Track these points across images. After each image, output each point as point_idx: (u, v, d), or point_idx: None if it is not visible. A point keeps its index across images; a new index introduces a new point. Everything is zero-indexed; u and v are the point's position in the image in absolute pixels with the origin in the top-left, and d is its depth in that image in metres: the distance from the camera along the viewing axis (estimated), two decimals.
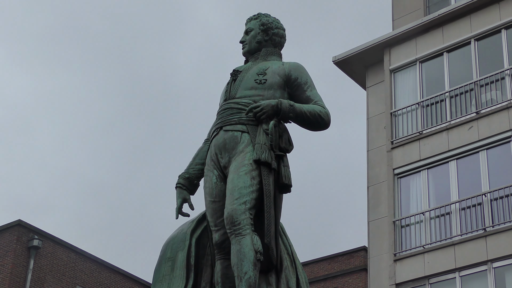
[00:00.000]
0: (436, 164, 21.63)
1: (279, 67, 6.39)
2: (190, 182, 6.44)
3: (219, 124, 6.26)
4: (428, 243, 20.80)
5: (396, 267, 21.00)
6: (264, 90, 6.27)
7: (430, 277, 20.41)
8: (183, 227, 6.45)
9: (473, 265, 19.85)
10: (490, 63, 21.92)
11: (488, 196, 20.33)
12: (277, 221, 5.98)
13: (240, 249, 5.72)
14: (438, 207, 21.07)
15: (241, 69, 6.48)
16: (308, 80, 6.40)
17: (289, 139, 6.16)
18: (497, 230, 19.84)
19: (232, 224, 5.77)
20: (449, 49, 22.87)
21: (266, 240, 5.81)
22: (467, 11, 22.75)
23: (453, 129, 21.66)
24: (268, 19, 6.67)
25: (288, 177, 6.02)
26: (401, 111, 23.05)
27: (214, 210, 6.11)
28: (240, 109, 6.21)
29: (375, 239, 22.18)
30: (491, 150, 20.90)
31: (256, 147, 5.98)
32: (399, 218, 21.61)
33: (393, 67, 23.65)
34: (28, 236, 25.99)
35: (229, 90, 6.38)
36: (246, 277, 5.67)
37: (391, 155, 22.53)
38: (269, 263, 5.96)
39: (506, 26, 22.09)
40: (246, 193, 5.83)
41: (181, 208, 6.37)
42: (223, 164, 6.14)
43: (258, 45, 6.60)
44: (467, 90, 22.02)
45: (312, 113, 6.19)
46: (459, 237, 20.38)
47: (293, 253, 6.39)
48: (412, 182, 21.98)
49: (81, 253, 27.38)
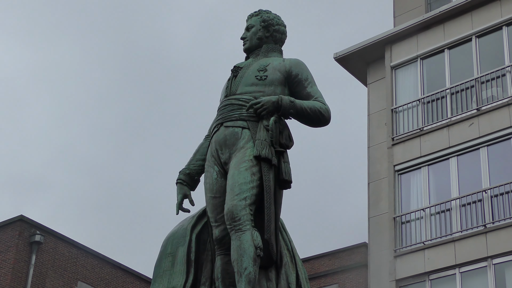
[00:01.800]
0: (437, 160, 21.65)
1: (279, 63, 6.40)
2: (191, 178, 6.45)
3: (219, 120, 6.27)
4: (428, 240, 20.82)
5: (396, 263, 21.02)
6: (264, 87, 6.28)
7: (430, 273, 20.43)
8: (184, 223, 6.46)
9: (473, 261, 19.86)
10: (491, 60, 21.90)
11: (489, 193, 20.34)
12: (277, 217, 5.99)
13: (240, 245, 5.73)
14: (438, 204, 21.07)
15: (242, 66, 6.49)
16: (309, 76, 6.41)
17: (289, 135, 6.17)
18: (497, 226, 19.85)
19: (232, 219, 5.78)
20: (450, 46, 22.86)
21: (266, 236, 5.82)
22: (468, 8, 22.74)
23: (454, 125, 21.67)
24: (269, 15, 6.68)
25: (288, 173, 6.03)
26: (402, 108, 23.06)
27: (214, 205, 6.13)
28: (241, 105, 6.21)
29: (375, 235, 22.20)
30: (491, 146, 20.90)
31: (257, 143, 5.99)
32: (399, 215, 21.63)
33: (394, 64, 23.65)
34: (30, 231, 26.01)
35: (230, 86, 6.39)
36: (246, 273, 5.69)
37: (391, 152, 22.54)
38: (269, 259, 5.97)
39: (507, 23, 22.07)
40: (247, 189, 5.84)
41: (182, 203, 6.38)
42: (224, 160, 6.16)
43: (259, 41, 6.61)
44: (468, 87, 22.01)
45: (312, 109, 6.20)
46: (459, 233, 20.40)
47: (293, 249, 6.41)
48: (412, 178, 21.99)
49: (82, 249, 27.40)
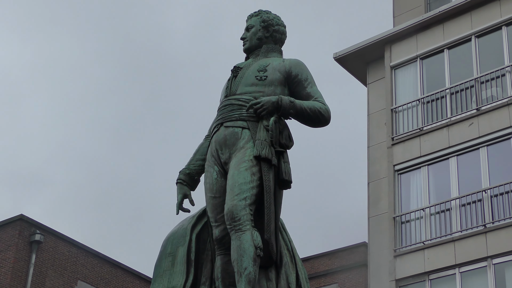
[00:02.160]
0: (437, 160, 21.66)
1: (279, 63, 6.40)
2: (191, 177, 6.46)
3: (219, 120, 6.28)
4: (428, 239, 20.83)
5: (396, 263, 21.04)
6: (264, 87, 6.28)
7: (430, 273, 20.44)
8: (184, 223, 6.47)
9: (473, 261, 19.87)
10: (491, 60, 21.92)
11: (488, 193, 20.35)
12: (277, 217, 6.00)
13: (240, 245, 5.74)
14: (438, 203, 21.09)
15: (242, 66, 6.50)
16: (309, 76, 6.42)
17: (289, 135, 6.18)
18: (497, 226, 19.87)
19: (232, 219, 5.79)
20: (450, 46, 22.88)
21: (266, 236, 5.83)
22: (467, 8, 22.75)
23: (454, 125, 21.68)
24: (269, 16, 6.68)
25: (288, 173, 6.04)
26: (401, 108, 23.07)
27: (214, 205, 6.14)
28: (241, 106, 6.22)
29: (375, 235, 22.22)
30: (491, 146, 20.92)
31: (257, 143, 6.00)
32: (399, 214, 21.65)
33: (394, 64, 23.67)
34: (30, 231, 26.02)
35: (230, 86, 6.40)
36: (246, 273, 5.69)
37: (391, 152, 22.56)
38: (269, 259, 5.98)
39: (506, 23, 22.09)
40: (247, 189, 5.85)
41: (182, 203, 6.39)
42: (224, 160, 6.16)
43: (258, 41, 6.61)
44: (468, 87, 22.03)
45: (312, 109, 6.20)
46: (459, 233, 20.42)
47: (293, 249, 6.41)
48: (412, 178, 22.01)
49: (82, 248, 27.41)
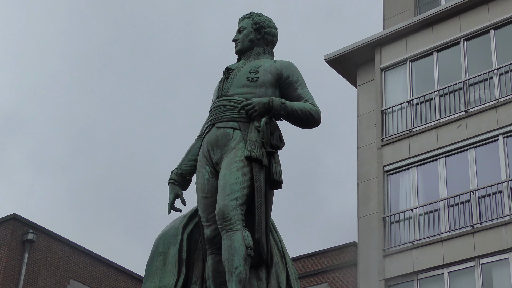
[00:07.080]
0: (425, 161, 21.77)
1: (271, 65, 6.44)
2: (183, 178, 6.48)
3: (211, 121, 6.32)
4: (417, 239, 20.94)
5: (385, 263, 21.14)
6: (256, 88, 6.32)
7: (418, 272, 20.55)
8: (175, 222, 6.50)
9: (461, 261, 19.98)
10: (479, 63, 22.04)
11: (476, 194, 20.48)
12: (267, 217, 6.04)
13: (231, 244, 5.77)
14: (427, 204, 21.19)
15: (234, 67, 6.54)
16: (300, 78, 6.46)
17: (280, 137, 6.22)
18: (485, 227, 19.98)
19: (223, 219, 5.83)
20: (439, 49, 23.00)
21: (257, 236, 5.87)
22: (456, 12, 22.88)
23: (442, 127, 21.80)
24: (260, 18, 6.72)
25: (279, 173, 6.08)
26: (391, 109, 23.18)
27: (205, 205, 6.17)
28: (232, 107, 6.26)
29: (365, 235, 22.30)
30: (479, 148, 21.04)
31: (248, 144, 6.04)
32: (388, 215, 21.75)
33: (384, 66, 23.78)
34: (23, 230, 25.98)
35: (222, 87, 6.44)
36: (236, 272, 5.73)
37: (381, 153, 22.66)
38: (260, 258, 6.02)
39: (494, 27, 22.23)
40: (238, 189, 5.88)
41: (174, 203, 6.42)
42: (215, 160, 6.20)
43: (250, 43, 6.64)
44: (456, 89, 22.15)
45: (303, 111, 6.25)
46: (447, 233, 20.54)
47: (283, 249, 6.46)
48: (401, 179, 22.10)
49: (75, 247, 27.38)
